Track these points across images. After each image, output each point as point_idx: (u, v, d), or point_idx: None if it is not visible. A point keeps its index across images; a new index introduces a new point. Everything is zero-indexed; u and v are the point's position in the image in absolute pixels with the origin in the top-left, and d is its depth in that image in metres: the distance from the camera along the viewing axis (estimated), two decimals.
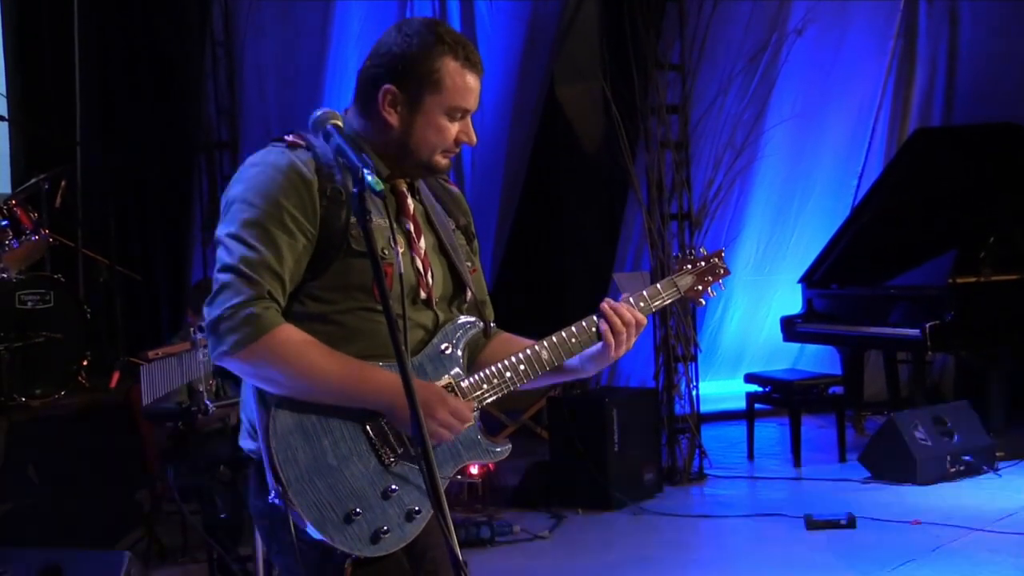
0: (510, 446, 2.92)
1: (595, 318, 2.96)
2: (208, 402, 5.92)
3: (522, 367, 2.88)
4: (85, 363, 7.17)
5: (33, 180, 7.31)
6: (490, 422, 8.90)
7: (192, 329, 6.11)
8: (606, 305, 2.97)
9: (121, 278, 8.35)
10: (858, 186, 10.85)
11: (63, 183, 7.52)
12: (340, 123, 2.70)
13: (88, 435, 6.95)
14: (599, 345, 2.97)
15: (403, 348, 2.45)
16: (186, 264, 9.75)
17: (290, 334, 2.65)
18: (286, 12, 9.81)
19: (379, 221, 2.73)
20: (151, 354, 6.12)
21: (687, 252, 3.26)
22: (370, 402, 2.68)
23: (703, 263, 3.22)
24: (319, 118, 2.70)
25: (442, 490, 2.42)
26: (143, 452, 6.73)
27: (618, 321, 2.95)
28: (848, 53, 10.70)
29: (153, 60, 9.69)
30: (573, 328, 2.95)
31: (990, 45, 10.66)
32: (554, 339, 2.93)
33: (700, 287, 3.20)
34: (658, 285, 3.13)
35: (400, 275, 2.72)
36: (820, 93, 10.66)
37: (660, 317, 8.39)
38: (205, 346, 5.76)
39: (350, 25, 9.93)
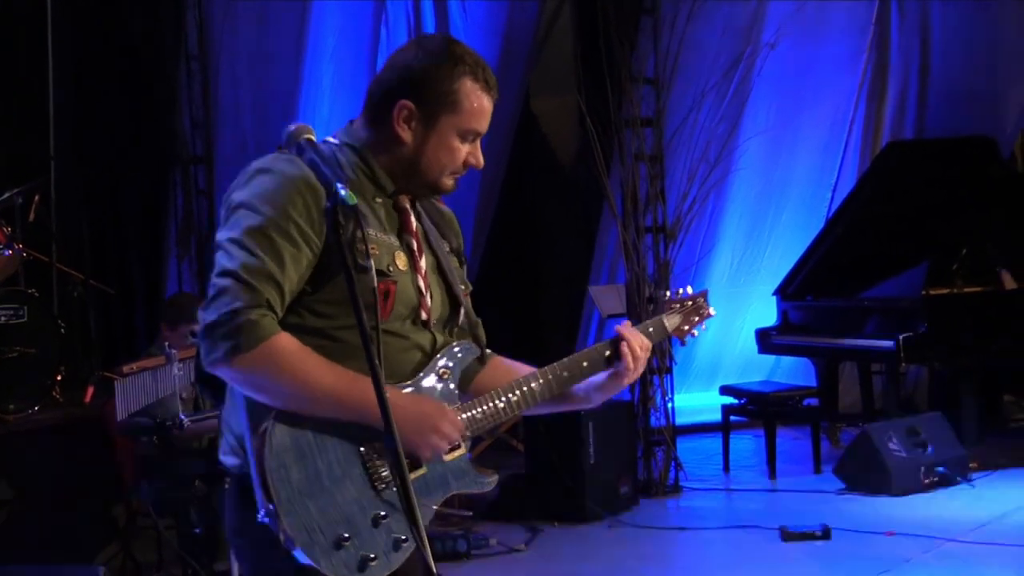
0: (496, 478, 2.87)
1: (597, 347, 2.94)
2: (183, 416, 5.91)
3: (515, 399, 2.84)
4: (59, 378, 7.12)
5: (6, 194, 7.21)
6: None
7: (166, 343, 6.09)
8: (623, 329, 2.96)
9: (95, 293, 8.26)
10: (832, 198, 10.88)
11: (36, 197, 7.46)
12: (313, 137, 2.65)
13: (62, 450, 6.91)
14: (604, 374, 2.95)
15: (376, 361, 2.41)
16: (161, 278, 9.69)
17: (287, 343, 2.58)
18: (261, 26, 9.77)
19: (382, 236, 2.71)
20: (126, 369, 6.09)
21: (675, 292, 3.27)
22: (367, 416, 2.56)
23: (690, 303, 3.24)
24: (292, 133, 2.65)
25: (423, 516, 2.42)
26: (118, 467, 6.67)
27: (637, 349, 2.95)
28: (821, 66, 10.74)
29: (127, 74, 9.62)
30: (566, 361, 2.92)
31: (962, 58, 10.74)
32: (548, 371, 2.90)
33: (686, 327, 3.23)
34: (647, 323, 3.13)
35: (374, 290, 2.61)
36: (793, 106, 10.71)
37: None
38: (180, 360, 5.79)
39: (325, 40, 9.90)
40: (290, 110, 9.71)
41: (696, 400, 10.47)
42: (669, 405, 8.51)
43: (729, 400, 9.05)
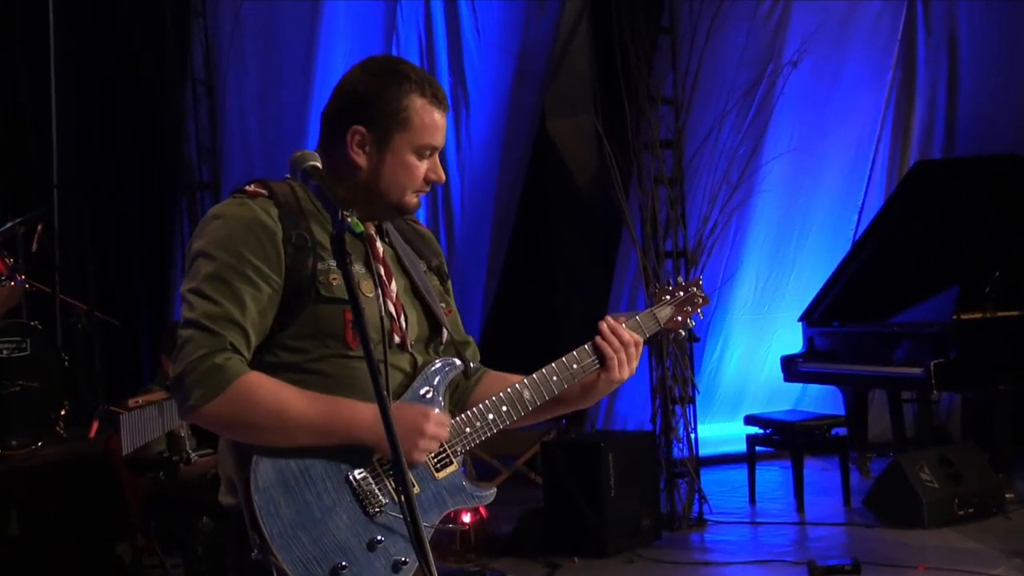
0: (495, 490, 2.89)
1: (587, 347, 2.98)
2: (189, 451, 5.88)
3: (504, 408, 2.87)
4: (63, 412, 7.13)
5: (8, 224, 7.24)
6: (483, 468, 8.83)
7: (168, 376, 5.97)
8: (604, 325, 2.99)
9: (100, 324, 8.28)
10: (858, 221, 10.79)
11: (39, 227, 7.51)
12: (319, 164, 2.67)
13: (66, 487, 6.84)
14: (594, 374, 2.99)
15: (385, 393, 2.45)
16: (167, 309, 9.72)
17: (257, 379, 2.63)
18: (269, 50, 9.80)
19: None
20: (131, 402, 6.15)
21: (664, 283, 3.27)
22: (352, 436, 2.64)
23: (681, 293, 3.23)
24: (296, 159, 2.68)
25: (425, 536, 2.44)
26: (123, 503, 6.59)
27: (616, 341, 2.98)
28: (845, 85, 10.65)
29: (132, 100, 9.70)
30: (554, 365, 2.95)
31: (990, 75, 10.62)
32: (535, 377, 2.92)
33: (680, 317, 3.22)
34: (637, 318, 3.12)
35: (381, 318, 2.72)
36: (817, 126, 10.61)
37: (657, 357, 8.28)
38: None
39: (334, 63, 9.87)
40: (299, 135, 9.64)
41: (720, 430, 10.36)
42: (692, 436, 8.40)
43: (754, 430, 8.93)
